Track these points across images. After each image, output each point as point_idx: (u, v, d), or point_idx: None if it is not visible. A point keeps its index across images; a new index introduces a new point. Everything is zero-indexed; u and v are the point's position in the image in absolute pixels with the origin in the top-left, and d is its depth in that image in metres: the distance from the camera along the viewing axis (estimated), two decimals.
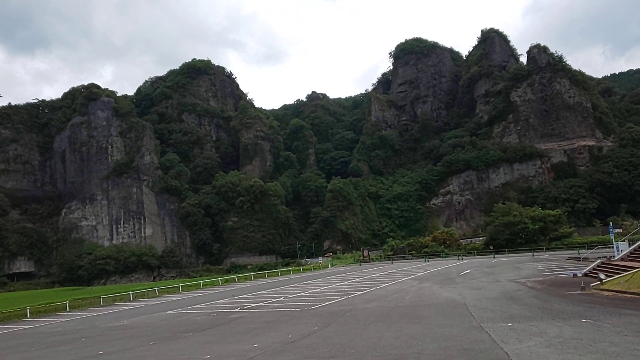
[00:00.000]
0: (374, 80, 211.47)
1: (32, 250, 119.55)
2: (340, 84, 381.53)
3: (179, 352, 14.44)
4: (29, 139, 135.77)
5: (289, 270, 78.92)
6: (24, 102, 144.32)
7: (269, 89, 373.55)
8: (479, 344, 11.71)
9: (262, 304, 31.01)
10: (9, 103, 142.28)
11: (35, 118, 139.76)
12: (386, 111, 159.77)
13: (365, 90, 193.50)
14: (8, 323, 35.96)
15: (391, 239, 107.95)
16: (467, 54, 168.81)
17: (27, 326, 32.76)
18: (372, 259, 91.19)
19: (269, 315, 24.61)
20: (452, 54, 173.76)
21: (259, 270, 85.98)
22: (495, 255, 68.99)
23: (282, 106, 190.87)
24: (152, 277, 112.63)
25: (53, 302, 46.43)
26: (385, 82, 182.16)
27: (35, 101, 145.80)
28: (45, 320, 36.02)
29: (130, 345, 18.07)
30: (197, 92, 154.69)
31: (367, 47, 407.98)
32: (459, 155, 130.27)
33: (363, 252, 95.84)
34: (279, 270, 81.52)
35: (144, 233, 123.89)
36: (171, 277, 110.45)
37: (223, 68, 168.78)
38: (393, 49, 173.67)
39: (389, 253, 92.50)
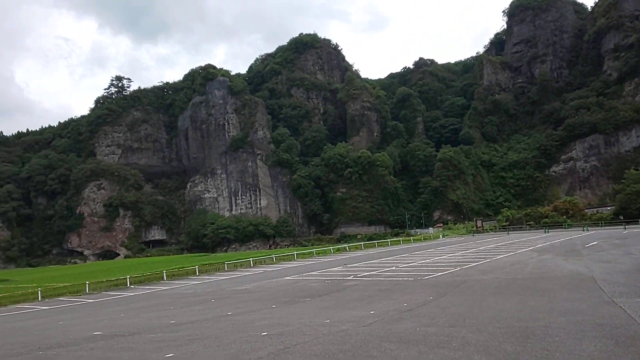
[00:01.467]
0: (486, 42, 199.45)
1: (163, 220, 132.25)
2: (449, 48, 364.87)
3: (300, 315, 15.28)
4: (157, 119, 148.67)
5: (399, 241, 78.85)
6: (151, 86, 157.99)
7: (374, 58, 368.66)
8: (613, 319, 10.91)
9: (374, 272, 31.49)
10: (139, 87, 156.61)
11: (161, 99, 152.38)
12: (499, 74, 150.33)
13: (477, 54, 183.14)
14: (149, 284, 40.38)
15: (506, 209, 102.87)
16: (593, 5, 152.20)
17: (165, 288, 36.55)
18: (486, 229, 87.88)
19: (382, 284, 24.96)
20: (575, 6, 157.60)
21: (369, 240, 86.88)
22: (627, 226, 62.94)
23: (389, 75, 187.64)
24: (268, 245, 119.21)
25: (184, 267, 51.16)
26: (498, 43, 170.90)
27: (161, 84, 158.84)
28: (179, 282, 39.88)
29: (254, 307, 19.46)
30: (305, 66, 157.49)
31: (477, 7, 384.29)
32: (583, 117, 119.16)
33: (476, 222, 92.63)
34: (388, 240, 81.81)
35: (260, 204, 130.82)
36: (285, 245, 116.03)
37: (329, 41, 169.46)
38: (507, 6, 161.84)
39: (504, 224, 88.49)
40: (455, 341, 9.29)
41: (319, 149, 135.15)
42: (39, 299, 34.71)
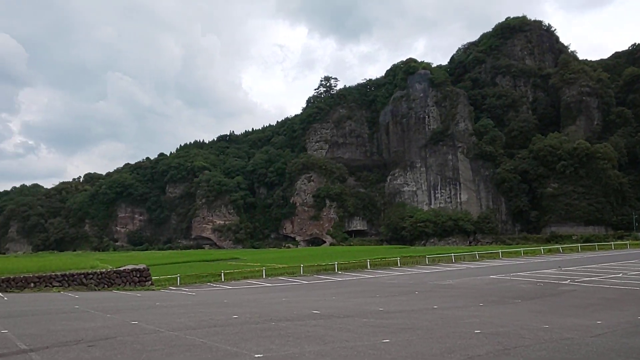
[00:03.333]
0: None
1: (364, 211, 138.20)
2: None
3: (512, 316, 14.55)
4: (360, 115, 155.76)
5: (625, 244, 68.71)
6: (355, 84, 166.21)
7: (595, 37, 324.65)
8: None
9: (595, 278, 28.11)
10: (344, 85, 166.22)
11: (364, 96, 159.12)
12: None
13: None
14: (354, 271, 42.80)
15: None
16: None
17: (369, 276, 38.33)
18: None
19: (608, 292, 22.15)
20: None
21: (585, 242, 77.65)
22: None
23: (613, 54, 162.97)
24: (467, 242, 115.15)
25: (386, 258, 52.81)
26: None
27: (363, 81, 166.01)
28: (382, 272, 41.37)
29: (459, 303, 19.15)
30: (512, 52, 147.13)
31: None
32: None
33: None
34: (612, 243, 71.97)
35: (460, 198, 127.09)
36: (487, 242, 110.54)
37: (540, 22, 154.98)
38: None
39: None
40: None
41: (527, 140, 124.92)
42: (263, 277, 39.61)
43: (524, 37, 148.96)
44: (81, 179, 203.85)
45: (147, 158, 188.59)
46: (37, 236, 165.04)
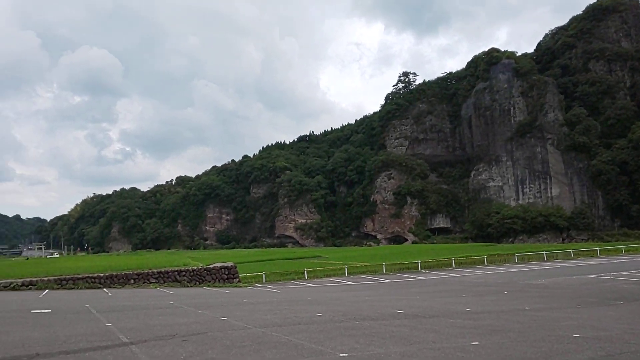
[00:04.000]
0: None
1: (447, 208, 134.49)
2: None
3: (613, 319, 13.44)
4: (441, 109, 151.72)
5: None
6: (435, 77, 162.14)
7: None
8: None
9: None
10: (424, 80, 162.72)
11: (445, 90, 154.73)
12: None
13: None
14: (438, 270, 41.80)
15: None
16: None
17: (454, 275, 37.24)
18: None
19: None
20: None
21: None
22: None
23: None
24: (560, 239, 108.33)
25: (471, 256, 51.04)
26: None
27: (444, 74, 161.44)
28: (467, 271, 40.03)
29: (554, 304, 18.02)
30: (605, 34, 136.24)
31: None
32: None
33: None
34: None
35: (550, 193, 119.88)
36: (582, 239, 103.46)
37: (636, 1, 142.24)
38: None
39: None
40: None
41: (625, 129, 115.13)
42: (346, 275, 39.78)
43: (619, 18, 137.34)
44: (173, 182, 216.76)
45: (232, 160, 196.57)
46: (136, 236, 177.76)
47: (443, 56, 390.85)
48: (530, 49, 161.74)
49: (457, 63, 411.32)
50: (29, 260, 79.70)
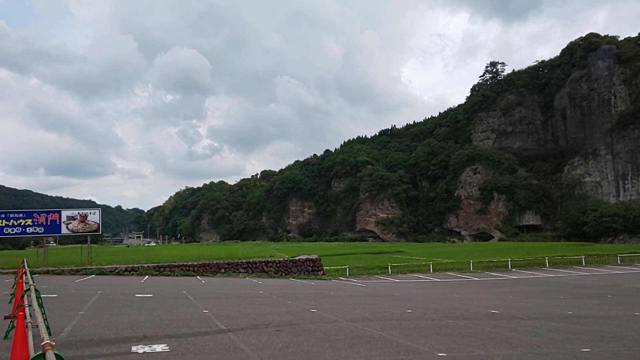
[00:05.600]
0: None
1: (538, 204, 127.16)
2: None
3: None
4: (531, 100, 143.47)
5: None
6: (525, 67, 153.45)
7: None
8: None
9: None
10: (513, 70, 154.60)
11: (536, 79, 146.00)
12: None
13: None
14: (530, 270, 39.64)
15: None
16: None
17: (548, 275, 35.12)
18: None
19: None
20: None
21: None
22: None
23: None
24: None
25: (566, 255, 47.90)
26: None
27: (535, 63, 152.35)
28: (563, 271, 37.60)
29: None
30: None
31: None
32: None
33: None
34: None
35: None
36: None
37: None
38: None
39: None
40: None
41: None
42: (431, 271, 38.89)
43: None
44: (258, 176, 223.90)
45: (314, 155, 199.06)
46: (224, 227, 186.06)
47: (533, 44, 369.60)
48: (634, 32, 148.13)
49: (548, 51, 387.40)
50: (129, 248, 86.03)
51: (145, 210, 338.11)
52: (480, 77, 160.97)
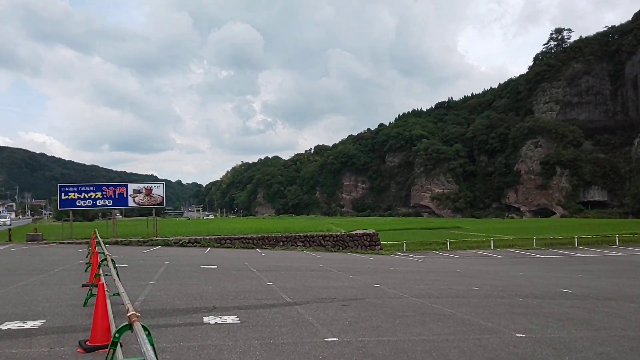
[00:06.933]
0: None
1: (604, 179, 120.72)
2: None
3: None
4: (600, 69, 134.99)
5: None
6: (593, 33, 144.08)
7: None
8: None
9: None
10: (580, 36, 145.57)
11: (605, 47, 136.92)
12: None
13: None
14: (598, 247, 37.80)
15: None
16: None
17: (618, 253, 33.38)
18: None
19: None
20: None
21: None
22: None
23: None
24: None
25: (637, 233, 45.34)
26: None
27: (605, 29, 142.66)
28: (635, 249, 35.63)
29: None
30: None
31: None
32: None
33: None
34: None
35: None
36: None
37: None
38: None
39: None
40: None
41: None
42: (491, 248, 37.88)
43: None
44: (312, 151, 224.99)
45: (368, 129, 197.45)
46: (278, 201, 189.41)
47: (601, 9, 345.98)
48: None
49: (617, 16, 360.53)
50: (190, 221, 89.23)
51: (204, 185, 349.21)
52: (544, 45, 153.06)
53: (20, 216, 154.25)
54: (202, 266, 17.44)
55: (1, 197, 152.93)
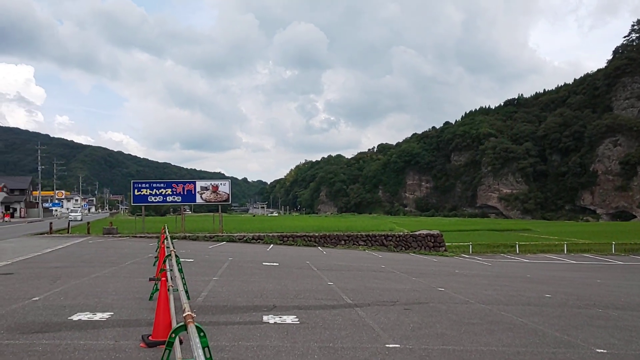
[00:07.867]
0: None
1: None
2: None
3: None
4: None
5: None
6: None
7: None
8: None
9: None
10: None
11: None
12: None
13: None
14: None
15: None
16: None
17: None
18: None
19: None
20: None
21: None
22: None
23: None
24: None
25: None
26: None
27: None
28: None
29: None
30: None
31: None
32: None
33: None
34: None
35: None
36: None
37: None
38: None
39: None
40: None
41: None
42: (565, 252, 35.79)
43: None
44: (375, 149, 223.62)
45: (433, 127, 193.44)
46: (341, 199, 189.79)
47: None
48: None
49: None
50: (255, 217, 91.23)
51: (268, 182, 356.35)
52: (624, 37, 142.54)
53: (100, 210, 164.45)
54: (264, 263, 17.60)
55: (84, 192, 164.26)
